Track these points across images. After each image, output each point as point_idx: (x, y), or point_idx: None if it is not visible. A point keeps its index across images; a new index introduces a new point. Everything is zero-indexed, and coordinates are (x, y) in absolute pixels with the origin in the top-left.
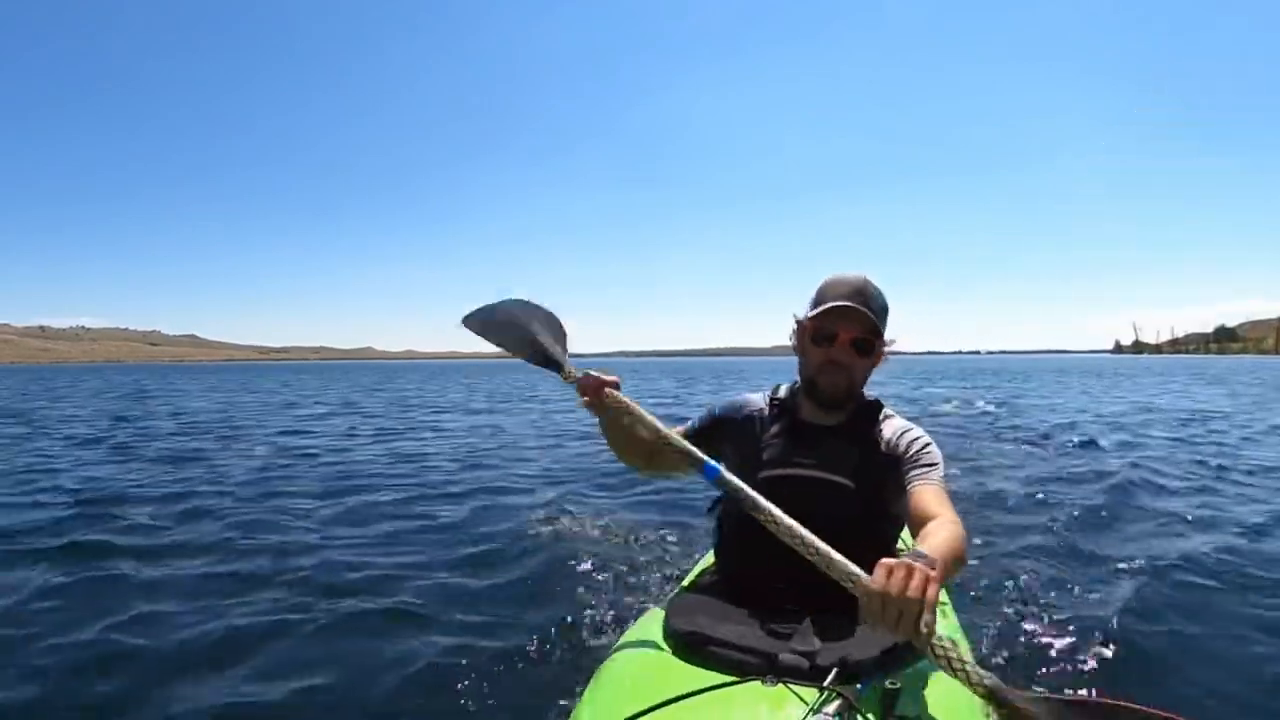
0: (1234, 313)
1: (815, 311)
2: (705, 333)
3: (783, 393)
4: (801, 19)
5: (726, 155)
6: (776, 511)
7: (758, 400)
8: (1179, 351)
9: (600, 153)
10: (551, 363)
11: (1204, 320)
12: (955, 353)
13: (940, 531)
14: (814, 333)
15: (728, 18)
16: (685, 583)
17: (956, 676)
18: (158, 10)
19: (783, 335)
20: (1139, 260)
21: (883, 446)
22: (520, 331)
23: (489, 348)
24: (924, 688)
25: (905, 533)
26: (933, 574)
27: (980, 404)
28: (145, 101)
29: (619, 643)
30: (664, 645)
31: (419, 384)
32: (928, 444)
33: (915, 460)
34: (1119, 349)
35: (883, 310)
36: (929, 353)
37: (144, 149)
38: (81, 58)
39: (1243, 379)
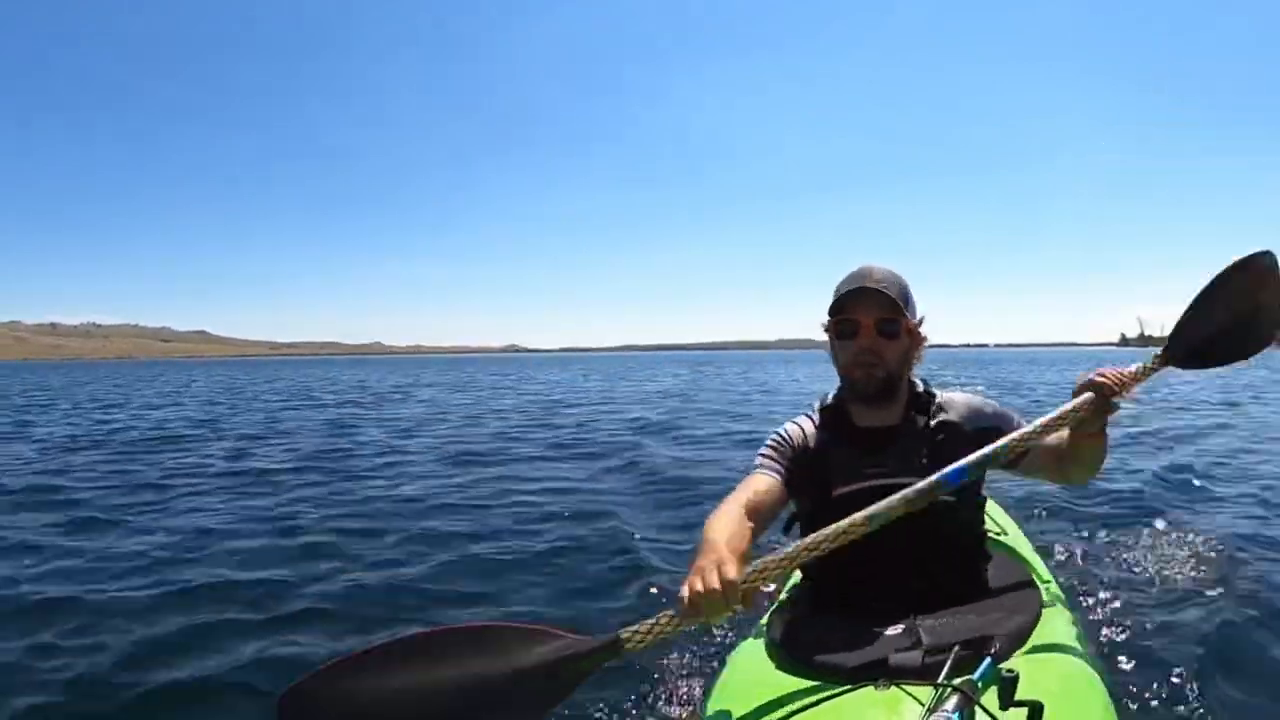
0: None
1: (832, 305)
2: (711, 327)
3: (830, 401)
4: (802, 20)
5: (731, 154)
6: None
7: (806, 423)
8: None
9: (606, 152)
10: (591, 662)
11: None
12: (964, 345)
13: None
14: (837, 329)
15: (729, 19)
16: (781, 598)
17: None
18: (166, 9)
19: (786, 329)
20: (1145, 256)
21: (953, 430)
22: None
23: (497, 341)
24: (1040, 670)
25: (990, 507)
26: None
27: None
28: (155, 100)
29: (726, 666)
30: (772, 662)
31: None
32: (992, 407)
33: (994, 421)
34: (1124, 342)
35: (901, 291)
36: (938, 345)
37: (154, 147)
38: (91, 59)
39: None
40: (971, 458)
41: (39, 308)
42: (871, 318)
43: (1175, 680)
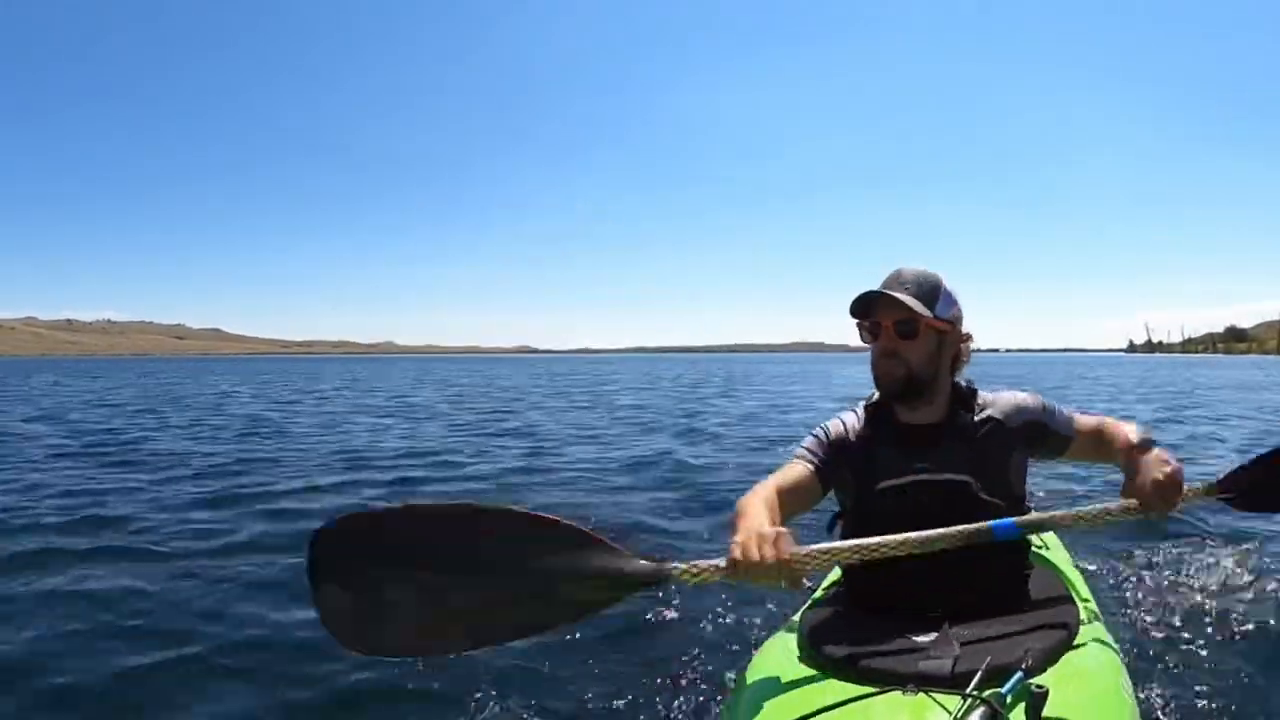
0: (1250, 313)
1: (853, 309)
2: (723, 329)
3: (875, 399)
4: (820, 17)
5: (744, 154)
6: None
7: (851, 418)
8: (1190, 351)
9: (616, 151)
10: (635, 582)
11: (1220, 320)
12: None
13: (1123, 425)
14: (861, 332)
15: (747, 16)
16: (816, 595)
17: (1193, 501)
18: (176, 6)
19: (797, 332)
20: (1155, 261)
21: (997, 427)
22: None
23: (509, 342)
24: (1071, 687)
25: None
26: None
27: None
28: (169, 97)
29: (754, 660)
30: (801, 659)
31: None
32: (1035, 401)
33: (1038, 416)
34: (1132, 348)
35: (928, 291)
36: None
37: (168, 144)
38: (106, 55)
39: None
40: (1029, 519)
41: (55, 304)
42: (890, 319)
43: (1210, 711)
